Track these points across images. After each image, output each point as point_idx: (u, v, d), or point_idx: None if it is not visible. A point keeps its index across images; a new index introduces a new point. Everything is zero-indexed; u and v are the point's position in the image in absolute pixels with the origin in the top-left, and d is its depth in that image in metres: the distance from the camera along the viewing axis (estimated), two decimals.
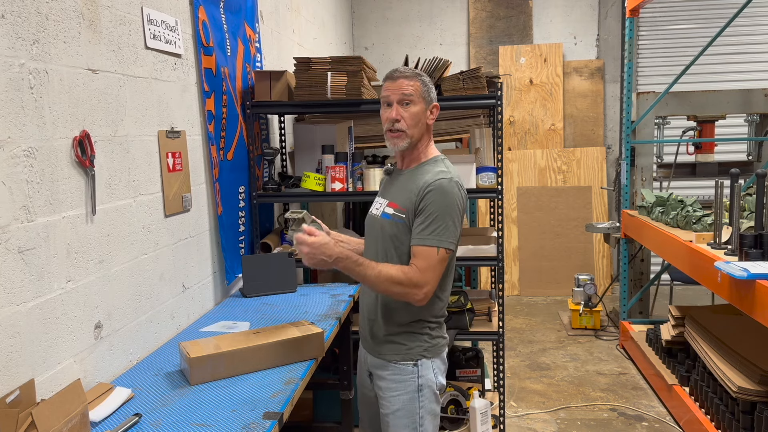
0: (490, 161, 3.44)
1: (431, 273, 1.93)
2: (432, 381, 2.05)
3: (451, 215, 1.94)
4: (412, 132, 2.03)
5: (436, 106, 2.07)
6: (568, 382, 4.28)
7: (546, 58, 6.59)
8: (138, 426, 1.75)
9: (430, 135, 2.12)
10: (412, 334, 2.04)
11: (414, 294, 1.93)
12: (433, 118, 2.07)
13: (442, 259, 1.94)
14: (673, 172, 5.03)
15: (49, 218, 1.82)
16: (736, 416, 2.94)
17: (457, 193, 1.97)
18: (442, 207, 1.94)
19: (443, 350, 2.11)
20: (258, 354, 2.12)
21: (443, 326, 2.14)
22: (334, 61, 3.20)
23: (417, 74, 2.04)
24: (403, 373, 2.03)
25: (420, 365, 2.03)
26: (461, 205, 1.98)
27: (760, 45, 6.46)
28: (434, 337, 2.07)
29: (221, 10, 3.07)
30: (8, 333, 1.65)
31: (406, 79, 2.01)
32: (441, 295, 2.07)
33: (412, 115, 2.01)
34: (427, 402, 2.04)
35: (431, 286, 1.94)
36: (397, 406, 2.03)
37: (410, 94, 2.00)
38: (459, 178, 2.02)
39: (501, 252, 3.24)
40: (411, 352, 2.04)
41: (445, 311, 2.14)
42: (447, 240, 1.93)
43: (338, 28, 6.18)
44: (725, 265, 2.68)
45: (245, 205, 3.32)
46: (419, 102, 2.02)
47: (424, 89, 2.03)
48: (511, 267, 6.50)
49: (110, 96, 2.13)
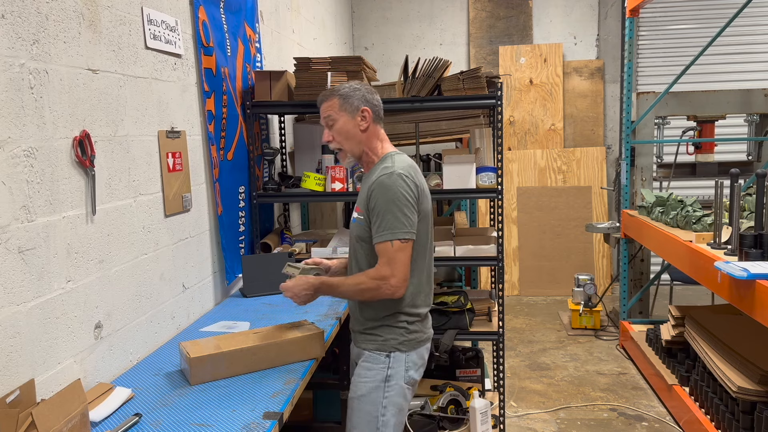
0: (490, 161, 3.44)
1: (394, 264, 1.98)
2: (402, 374, 2.08)
3: (397, 206, 1.98)
4: (348, 146, 2.13)
5: (364, 110, 2.11)
6: (568, 382, 4.28)
7: (546, 58, 6.59)
8: (138, 426, 1.75)
9: (378, 136, 2.16)
10: (388, 326, 2.09)
11: (385, 287, 1.99)
12: (366, 123, 2.11)
13: (399, 249, 1.98)
14: (673, 172, 5.02)
15: (49, 218, 1.82)
16: (736, 416, 2.94)
17: (399, 184, 2.00)
18: (386, 202, 1.99)
19: (421, 346, 2.13)
20: (258, 354, 2.12)
21: (425, 321, 2.16)
22: (334, 61, 3.20)
23: (332, 92, 2.14)
24: (374, 361, 2.08)
25: (392, 357, 2.07)
26: (408, 192, 2.00)
27: (760, 45, 6.45)
28: (412, 332, 2.10)
29: (221, 10, 3.07)
30: (8, 333, 1.65)
31: (324, 102, 2.14)
32: (417, 287, 2.10)
33: (338, 131, 2.12)
34: (393, 394, 2.06)
35: (399, 276, 1.99)
36: (362, 391, 2.08)
37: (329, 115, 2.12)
38: (407, 168, 2.05)
39: (501, 252, 3.24)
40: (386, 344, 2.08)
41: (427, 306, 2.16)
42: (399, 230, 1.98)
43: (338, 28, 6.18)
44: (725, 265, 2.68)
45: (245, 205, 3.32)
46: (340, 116, 2.11)
47: (342, 102, 2.10)
48: (511, 267, 6.50)
49: (110, 96, 2.13)
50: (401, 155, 2.14)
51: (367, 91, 2.15)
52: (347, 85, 2.15)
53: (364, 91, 2.14)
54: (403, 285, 2.01)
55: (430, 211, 2.15)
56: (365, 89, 2.15)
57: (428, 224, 2.14)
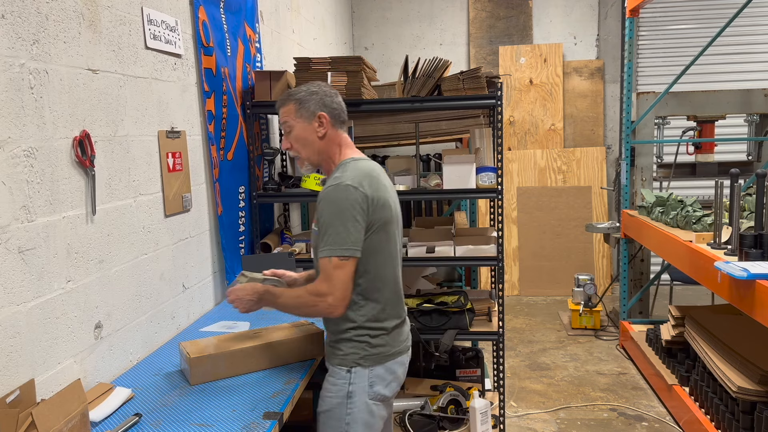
0: (490, 161, 3.44)
1: (331, 282, 1.88)
2: (365, 390, 1.96)
3: (340, 220, 1.88)
4: (305, 153, 2.05)
5: (320, 115, 2.00)
6: (568, 382, 4.28)
7: (546, 58, 6.59)
8: (138, 426, 1.75)
9: (337, 142, 2.06)
10: (349, 340, 1.98)
11: (322, 305, 1.90)
12: (324, 128, 2.01)
13: (337, 266, 1.87)
14: (673, 172, 5.02)
15: (49, 218, 1.82)
16: (736, 416, 2.94)
17: (344, 196, 1.89)
18: (329, 216, 1.90)
19: (390, 360, 2.00)
20: (258, 354, 2.12)
21: (394, 334, 2.03)
22: (334, 61, 3.20)
23: (289, 96, 2.04)
24: (337, 376, 1.98)
25: (353, 372, 1.96)
26: (354, 205, 1.89)
27: (760, 45, 6.45)
28: (375, 346, 1.98)
29: (221, 10, 3.07)
30: (8, 333, 1.65)
31: (281, 108, 2.05)
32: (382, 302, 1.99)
33: (296, 138, 2.03)
34: (356, 411, 1.95)
35: (336, 295, 1.88)
36: (326, 407, 1.99)
37: (285, 121, 2.04)
38: (359, 178, 1.92)
39: (501, 252, 3.23)
40: (346, 358, 1.97)
41: (396, 318, 2.04)
42: (338, 247, 1.87)
43: (338, 28, 6.18)
44: (725, 265, 2.68)
45: (245, 205, 3.32)
46: (296, 122, 2.02)
47: (298, 107, 2.01)
48: (511, 267, 6.50)
49: (110, 96, 2.13)
50: (358, 162, 2.01)
51: (325, 95, 2.03)
52: (304, 89, 2.04)
53: (321, 95, 2.02)
54: (341, 304, 1.90)
55: (392, 220, 2.00)
56: (324, 92, 2.04)
57: (389, 233, 2.00)
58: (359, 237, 1.90)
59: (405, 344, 2.08)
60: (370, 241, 1.94)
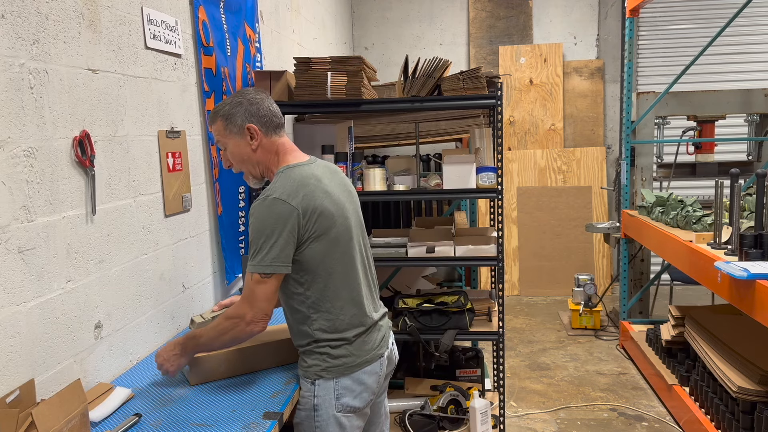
0: (490, 161, 3.44)
1: (251, 299, 1.84)
2: (331, 403, 1.91)
3: (264, 235, 1.81)
4: (246, 168, 1.99)
5: (248, 127, 1.92)
6: (568, 382, 4.28)
7: (546, 58, 6.59)
8: (138, 426, 1.75)
9: (273, 150, 1.97)
10: (311, 352, 1.94)
11: (241, 325, 1.85)
12: (257, 140, 1.93)
13: (258, 282, 1.82)
14: (673, 172, 5.02)
15: (49, 218, 1.82)
16: (736, 416, 2.94)
17: (269, 211, 1.82)
18: (254, 231, 1.84)
19: (356, 370, 1.94)
20: (258, 354, 2.12)
21: (357, 343, 1.95)
22: (334, 61, 3.20)
23: (216, 113, 1.96)
24: (304, 388, 1.96)
25: (317, 385, 1.92)
26: (280, 220, 1.81)
27: (760, 45, 6.45)
28: (337, 357, 1.92)
29: (221, 10, 3.07)
30: (8, 333, 1.65)
31: (211, 126, 2.00)
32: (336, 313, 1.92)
33: (232, 155, 1.98)
34: (323, 424, 1.91)
35: (254, 312, 1.83)
36: (298, 419, 1.96)
37: (218, 141, 1.99)
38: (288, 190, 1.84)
39: (501, 252, 3.23)
40: (309, 370, 1.94)
41: (358, 327, 1.96)
42: (258, 264, 1.81)
43: (338, 28, 6.18)
44: (725, 265, 2.68)
45: (245, 205, 3.32)
46: (228, 139, 1.95)
47: (226, 123, 1.94)
48: (511, 267, 6.50)
49: (110, 96, 2.13)
50: (293, 170, 1.92)
51: (250, 103, 1.93)
52: (229, 101, 1.95)
53: (246, 104, 1.93)
54: (261, 320, 1.85)
55: (335, 225, 1.90)
56: (248, 100, 1.93)
57: (334, 241, 1.91)
58: (285, 252, 1.83)
59: (375, 353, 2.00)
60: (311, 251, 1.87)
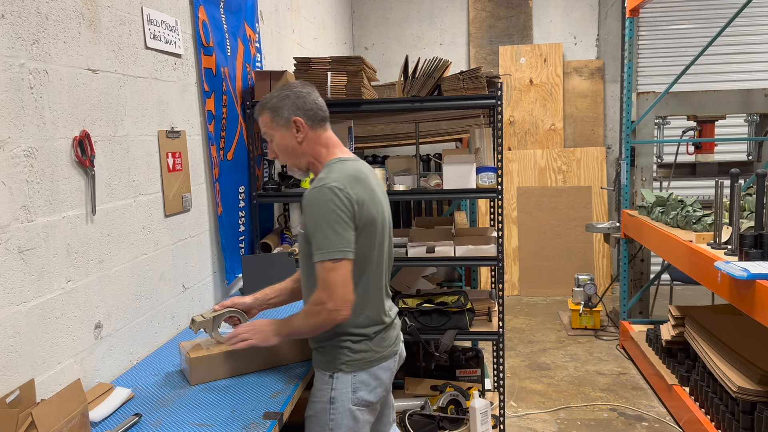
0: (490, 161, 3.44)
1: (328, 287, 1.85)
2: (347, 396, 1.94)
3: (327, 222, 1.84)
4: (291, 160, 2.03)
5: (295, 120, 1.96)
6: (568, 382, 4.27)
7: (546, 58, 6.59)
8: (138, 426, 1.75)
9: (321, 142, 2.01)
10: (332, 346, 1.96)
11: (324, 312, 1.87)
12: (302, 133, 1.97)
13: (331, 269, 1.84)
14: (673, 172, 5.02)
15: (49, 218, 1.82)
16: (736, 416, 2.94)
17: (327, 198, 1.84)
18: (314, 219, 1.86)
19: (374, 365, 1.97)
20: (258, 354, 2.12)
21: (377, 339, 1.99)
22: (334, 61, 3.20)
23: (262, 105, 2.01)
24: (320, 381, 1.98)
25: (335, 378, 1.95)
26: (339, 207, 1.84)
27: (760, 45, 6.45)
28: (357, 351, 1.95)
29: (221, 10, 3.07)
30: (8, 333, 1.65)
31: (258, 119, 2.04)
32: (358, 306, 1.93)
33: (278, 147, 2.02)
34: (338, 417, 1.93)
35: (336, 299, 1.85)
36: (311, 412, 1.99)
37: (265, 132, 2.03)
38: (342, 180, 1.88)
39: (501, 252, 3.23)
40: (329, 364, 1.96)
41: (376, 324, 2.00)
42: (328, 250, 1.83)
43: (338, 28, 6.18)
44: (725, 265, 2.68)
45: (245, 205, 3.32)
46: (275, 131, 2.00)
47: (272, 116, 1.98)
48: (511, 267, 6.50)
49: (110, 96, 2.13)
50: (345, 162, 1.97)
51: (297, 97, 1.97)
52: (276, 94, 1.99)
53: (293, 98, 1.97)
54: (343, 307, 1.86)
55: (376, 221, 1.94)
56: (296, 94, 1.98)
57: (373, 236, 1.94)
58: (349, 238, 1.86)
59: (390, 349, 2.04)
60: (356, 243, 1.89)
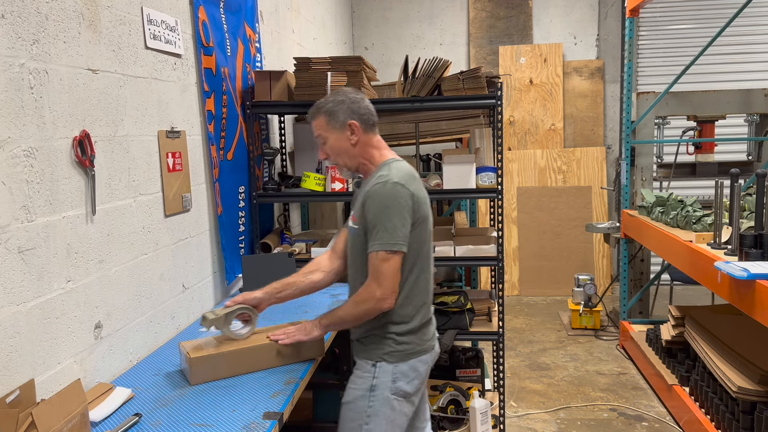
0: (490, 161, 3.44)
1: (379, 275, 1.96)
2: (387, 385, 2.03)
3: (388, 216, 1.95)
4: (342, 161, 2.13)
5: (351, 123, 2.06)
6: (568, 382, 4.28)
7: (546, 58, 6.59)
8: (138, 426, 1.75)
9: (373, 145, 2.12)
10: (376, 336, 2.06)
11: (371, 299, 1.97)
12: (356, 135, 2.07)
13: (384, 259, 1.95)
14: (673, 172, 5.02)
15: (49, 218, 1.82)
16: (736, 416, 2.94)
17: (393, 193, 1.96)
18: (377, 212, 1.97)
19: (413, 357, 2.06)
20: (258, 354, 2.12)
21: (419, 334, 2.09)
22: (334, 61, 3.20)
23: (318, 109, 2.11)
24: (362, 369, 2.08)
25: (378, 367, 2.04)
26: (401, 202, 1.96)
27: (760, 45, 6.45)
28: (401, 343, 2.04)
29: (221, 10, 3.07)
30: (8, 333, 1.65)
31: (312, 121, 2.14)
32: (405, 299, 2.04)
33: (331, 148, 2.11)
34: (377, 404, 2.02)
35: (385, 287, 1.96)
36: (348, 398, 2.08)
37: (319, 134, 2.13)
38: (404, 177, 2.00)
39: (501, 252, 3.23)
40: (373, 353, 2.06)
41: (421, 318, 2.08)
42: (386, 242, 1.95)
43: (338, 28, 6.18)
44: (725, 265, 2.68)
45: (245, 205, 3.32)
46: (329, 133, 2.09)
47: (328, 119, 2.08)
48: (511, 267, 6.50)
49: (110, 96, 2.13)
50: (400, 163, 2.09)
51: (352, 102, 2.08)
52: (332, 99, 2.10)
53: (348, 103, 2.07)
54: (389, 296, 1.97)
55: (427, 219, 2.08)
56: (351, 99, 2.08)
57: (424, 232, 2.06)
58: (406, 233, 1.97)
59: (429, 344, 2.14)
60: (411, 237, 2.01)
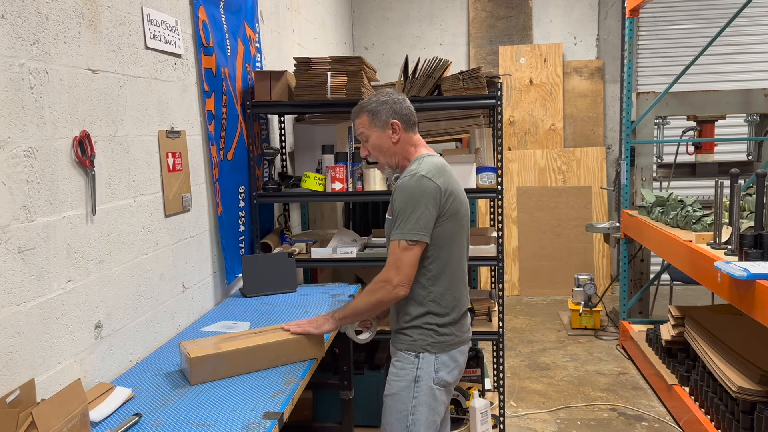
0: (490, 161, 3.44)
1: (397, 264, 2.03)
2: (431, 375, 2.11)
3: (412, 207, 2.02)
4: (383, 159, 2.22)
5: (393, 123, 2.15)
6: (568, 382, 4.28)
7: (546, 58, 6.59)
8: (138, 426, 1.75)
9: (411, 143, 2.21)
10: (418, 327, 2.12)
11: (387, 287, 2.04)
12: (397, 134, 2.16)
13: (404, 249, 2.02)
14: (673, 172, 5.02)
15: (49, 218, 1.82)
16: (736, 416, 2.94)
17: (419, 185, 2.03)
18: (403, 203, 2.04)
19: (454, 348, 2.15)
20: (258, 354, 2.12)
21: (458, 324, 2.17)
22: (334, 61, 3.20)
23: (361, 108, 2.20)
24: (405, 361, 2.13)
25: (421, 358, 2.11)
26: (427, 194, 2.03)
27: (760, 45, 6.45)
28: (441, 334, 2.12)
29: (221, 10, 3.07)
30: (8, 333, 1.65)
31: (356, 119, 2.22)
32: (444, 289, 2.11)
33: (373, 147, 2.21)
34: (422, 394, 2.10)
35: (401, 277, 2.03)
36: (393, 390, 2.13)
37: (361, 132, 2.21)
38: (432, 170, 2.07)
39: (501, 252, 3.23)
40: (415, 344, 2.12)
41: (458, 310, 2.16)
42: (407, 232, 2.02)
43: (338, 28, 6.18)
44: (725, 265, 2.68)
45: (245, 205, 3.32)
46: (372, 132, 2.18)
47: (371, 118, 2.17)
48: (511, 267, 6.50)
49: (110, 96, 2.13)
50: (432, 157, 2.17)
51: (394, 102, 2.17)
52: (375, 99, 2.18)
53: (391, 103, 2.17)
54: (405, 284, 2.04)
55: (461, 211, 2.14)
56: (393, 100, 2.18)
57: (459, 224, 2.13)
58: (429, 224, 2.04)
59: (466, 335, 2.22)
60: (442, 228, 2.08)
